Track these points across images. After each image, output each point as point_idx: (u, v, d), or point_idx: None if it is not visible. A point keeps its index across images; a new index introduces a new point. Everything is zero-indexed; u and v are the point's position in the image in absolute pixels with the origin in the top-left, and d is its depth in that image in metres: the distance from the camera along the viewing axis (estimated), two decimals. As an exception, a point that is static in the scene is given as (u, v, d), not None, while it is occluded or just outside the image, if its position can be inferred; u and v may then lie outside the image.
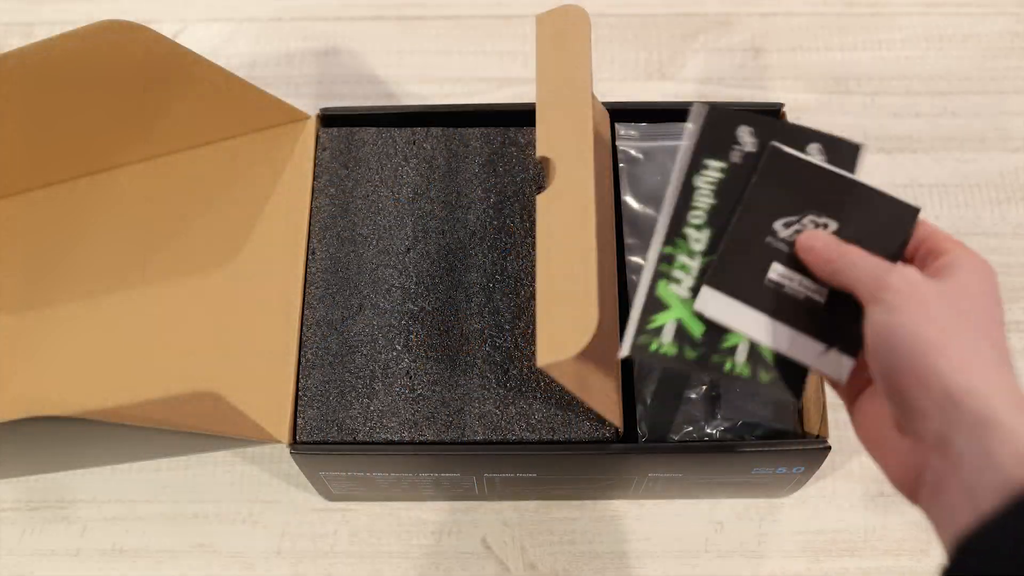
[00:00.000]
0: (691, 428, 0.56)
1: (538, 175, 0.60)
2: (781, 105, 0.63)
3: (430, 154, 0.61)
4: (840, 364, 0.39)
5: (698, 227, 0.42)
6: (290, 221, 0.60)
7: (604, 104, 0.61)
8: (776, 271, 0.40)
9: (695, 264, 0.42)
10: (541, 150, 0.47)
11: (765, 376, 0.41)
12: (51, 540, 0.61)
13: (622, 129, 0.65)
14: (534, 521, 0.61)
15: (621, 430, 0.54)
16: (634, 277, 0.58)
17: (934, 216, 0.70)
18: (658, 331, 0.41)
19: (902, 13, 0.78)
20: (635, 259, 0.58)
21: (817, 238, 0.39)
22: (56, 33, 0.54)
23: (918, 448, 0.34)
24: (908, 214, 0.40)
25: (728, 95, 0.75)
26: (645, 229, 0.59)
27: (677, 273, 0.42)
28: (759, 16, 0.78)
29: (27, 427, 0.47)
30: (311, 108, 0.66)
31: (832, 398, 0.57)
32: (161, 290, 0.60)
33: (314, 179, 0.62)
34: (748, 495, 0.61)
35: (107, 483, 0.62)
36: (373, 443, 0.54)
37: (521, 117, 0.64)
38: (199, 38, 0.78)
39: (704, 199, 0.43)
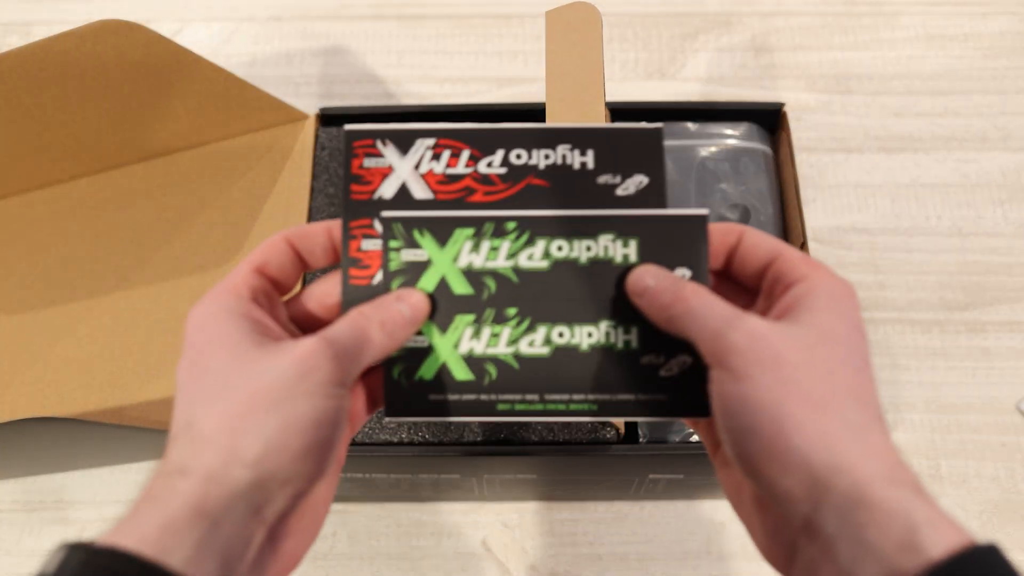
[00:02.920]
0: (692, 429, 0.56)
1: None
2: (781, 105, 0.63)
3: (430, 154, 0.61)
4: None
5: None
6: (289, 221, 0.60)
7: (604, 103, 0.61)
8: None
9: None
10: None
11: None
12: (49, 541, 0.60)
13: (622, 129, 0.65)
14: (535, 523, 0.61)
15: (622, 431, 0.54)
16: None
17: (936, 216, 0.70)
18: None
19: (903, 12, 0.78)
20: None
21: (650, 275, 0.33)
22: (55, 32, 0.54)
23: (785, 528, 0.30)
24: (696, 224, 0.34)
25: (729, 95, 0.75)
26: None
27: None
28: (760, 16, 0.78)
29: (26, 427, 0.47)
30: (310, 108, 0.66)
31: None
32: (161, 290, 0.60)
33: (313, 178, 0.61)
34: (749, 496, 0.60)
35: (105, 484, 0.62)
36: (372, 444, 0.54)
37: (521, 116, 0.63)
38: (198, 38, 0.78)
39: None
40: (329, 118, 0.64)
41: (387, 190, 0.35)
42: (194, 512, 0.27)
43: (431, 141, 0.36)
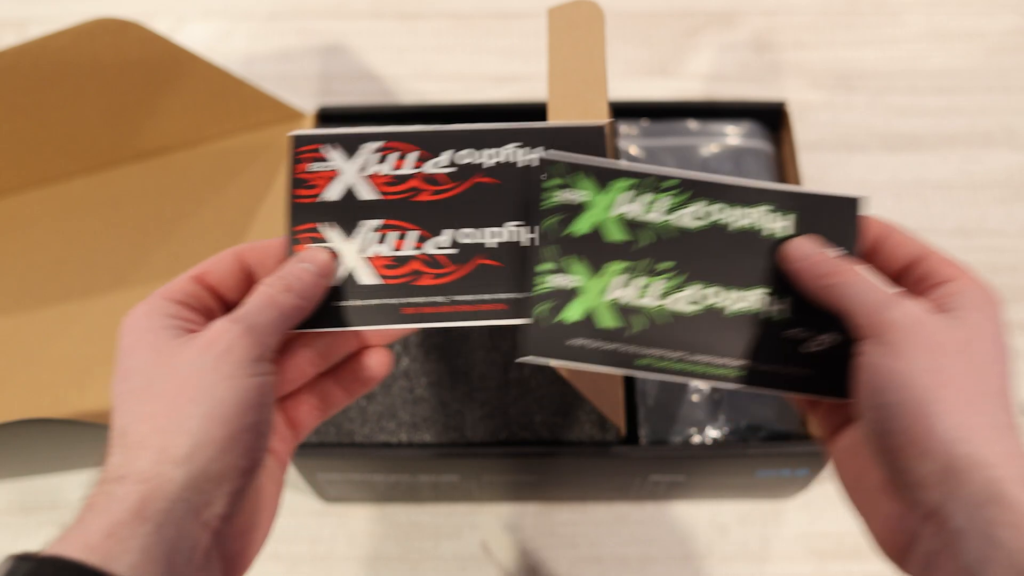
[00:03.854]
0: (693, 430, 0.55)
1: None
2: (782, 104, 0.63)
3: (429, 152, 0.61)
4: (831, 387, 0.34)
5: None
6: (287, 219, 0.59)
7: (605, 102, 0.60)
8: None
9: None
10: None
11: None
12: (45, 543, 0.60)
13: (623, 127, 0.64)
14: (535, 524, 0.60)
15: (623, 432, 0.53)
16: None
17: (940, 215, 0.69)
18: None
19: (907, 10, 0.78)
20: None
21: (809, 247, 0.34)
22: (50, 30, 0.53)
23: (909, 515, 0.30)
24: (853, 207, 0.34)
25: (731, 92, 0.74)
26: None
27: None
28: (762, 13, 0.78)
29: (22, 429, 0.47)
30: (309, 106, 0.66)
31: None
32: (157, 289, 0.60)
33: (312, 178, 0.61)
34: (752, 498, 0.60)
35: (103, 485, 0.62)
36: (371, 445, 0.54)
37: (521, 114, 0.63)
38: (195, 35, 0.78)
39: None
40: (328, 116, 0.63)
41: (332, 193, 0.36)
42: (135, 517, 0.27)
43: (377, 144, 0.36)
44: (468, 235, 0.35)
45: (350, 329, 0.34)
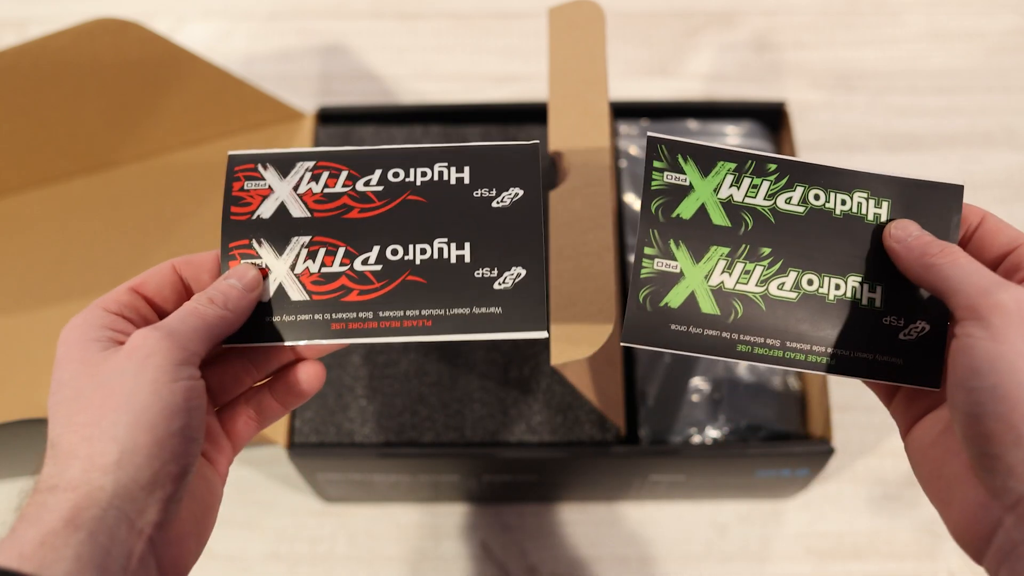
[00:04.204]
0: (693, 430, 0.55)
1: (548, 170, 0.60)
2: (782, 104, 0.63)
3: (429, 152, 0.61)
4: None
5: None
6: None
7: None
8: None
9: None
10: (554, 144, 0.46)
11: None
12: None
13: (623, 127, 0.64)
14: (535, 524, 0.60)
15: (623, 432, 0.53)
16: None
17: (939, 215, 0.69)
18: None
19: (907, 10, 0.78)
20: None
21: (914, 227, 0.34)
22: (50, 30, 0.53)
23: (993, 504, 0.29)
24: (951, 193, 0.34)
25: (731, 92, 0.74)
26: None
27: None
28: (762, 13, 0.78)
29: (22, 429, 0.47)
30: (309, 106, 0.65)
31: (837, 399, 0.56)
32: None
33: (312, 178, 0.61)
34: (751, 498, 0.60)
35: (103, 485, 0.62)
36: (371, 445, 0.54)
37: (521, 114, 0.63)
38: (195, 35, 0.78)
39: None
40: (328, 116, 0.63)
41: (265, 210, 0.36)
42: (67, 525, 0.27)
43: (311, 163, 0.37)
44: (395, 252, 0.35)
45: (279, 344, 0.35)
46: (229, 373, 0.35)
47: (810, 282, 0.34)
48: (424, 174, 0.36)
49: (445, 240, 0.35)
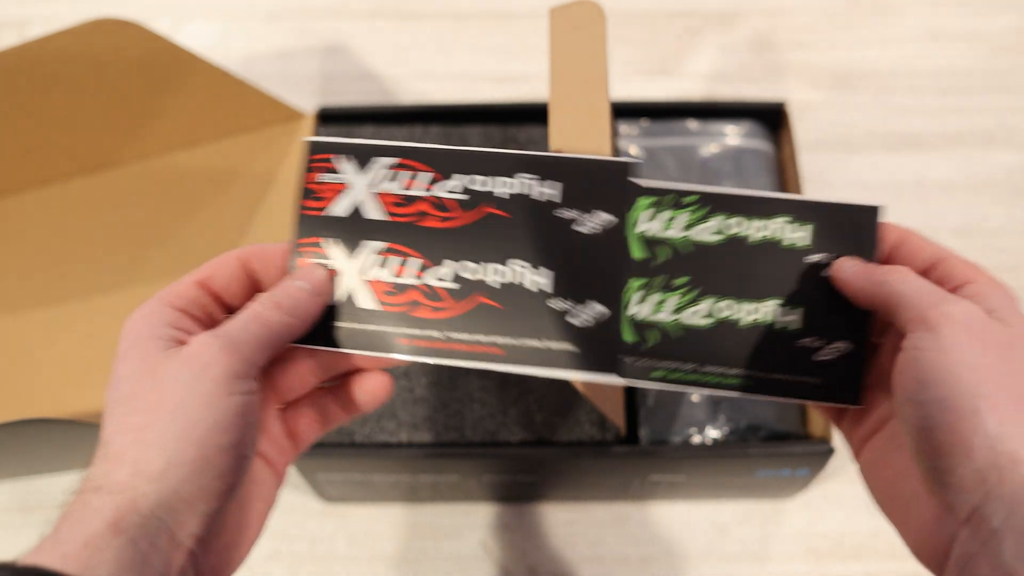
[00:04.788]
0: (693, 430, 0.55)
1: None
2: (782, 104, 0.63)
3: (429, 152, 0.61)
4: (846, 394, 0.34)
5: None
6: (287, 220, 0.59)
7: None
8: None
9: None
10: (554, 144, 0.46)
11: None
12: (46, 543, 0.60)
13: (623, 127, 0.64)
14: (535, 524, 0.60)
15: (623, 432, 0.53)
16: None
17: (941, 215, 0.69)
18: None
19: (907, 10, 0.78)
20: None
21: (855, 261, 0.34)
22: (50, 29, 0.53)
23: (947, 518, 0.29)
24: (870, 215, 0.34)
25: (731, 92, 0.74)
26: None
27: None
28: (762, 13, 0.78)
29: (22, 429, 0.47)
30: (309, 106, 0.65)
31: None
32: (157, 289, 0.60)
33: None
34: (751, 498, 0.60)
35: (103, 485, 0.62)
36: (371, 445, 0.54)
37: (521, 114, 0.63)
38: (194, 35, 0.78)
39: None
40: (328, 116, 0.63)
41: (339, 208, 0.34)
42: (111, 529, 0.27)
43: (391, 160, 0.35)
44: (470, 270, 0.34)
45: (342, 351, 0.34)
46: (296, 372, 0.34)
47: (726, 308, 0.34)
48: (508, 185, 0.34)
49: (524, 264, 0.34)
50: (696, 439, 0.55)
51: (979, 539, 0.28)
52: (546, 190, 0.34)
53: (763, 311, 0.34)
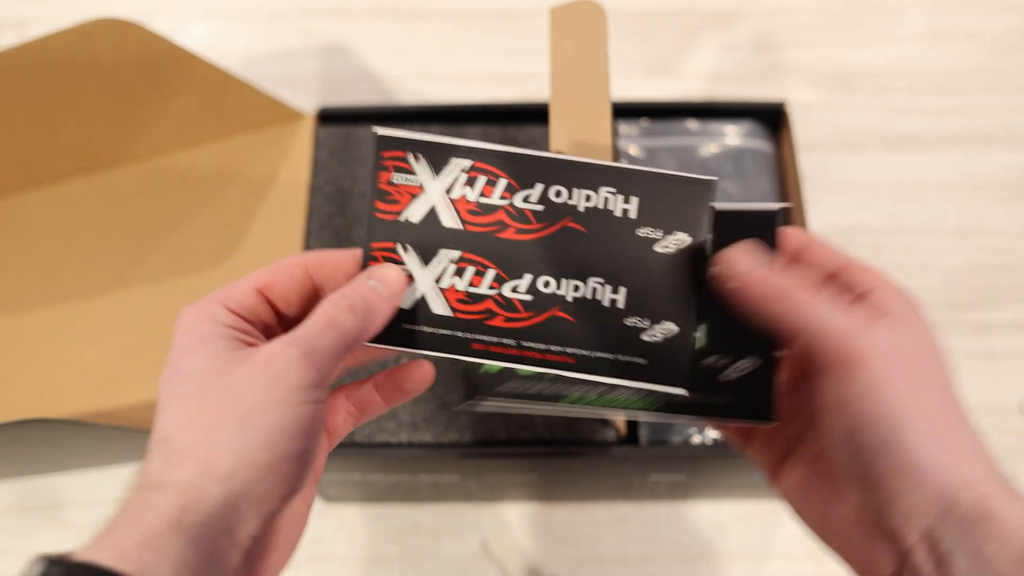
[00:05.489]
0: (693, 430, 0.55)
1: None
2: (782, 104, 0.63)
3: (429, 152, 0.61)
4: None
5: None
6: (287, 220, 0.59)
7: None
8: None
9: None
10: (556, 144, 0.46)
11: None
12: (46, 543, 0.60)
13: (623, 127, 0.64)
14: (535, 524, 0.60)
15: (623, 432, 0.53)
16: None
17: (940, 216, 0.69)
18: None
19: (907, 10, 0.78)
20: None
21: (747, 260, 0.31)
22: (50, 29, 0.53)
23: (894, 544, 0.29)
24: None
25: (731, 92, 0.74)
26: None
27: None
28: (762, 13, 0.78)
29: (22, 429, 0.47)
30: (309, 106, 0.65)
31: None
32: (157, 290, 0.60)
33: (312, 177, 0.61)
34: (751, 498, 0.60)
35: (102, 486, 0.62)
36: (371, 445, 0.54)
37: (521, 114, 0.63)
38: (195, 35, 0.78)
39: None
40: (328, 116, 0.63)
41: (414, 213, 0.33)
42: (171, 528, 0.27)
43: (467, 163, 0.34)
44: (547, 284, 0.33)
45: (419, 353, 0.33)
46: (338, 368, 0.33)
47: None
48: (588, 198, 0.33)
49: (601, 281, 0.33)
50: (696, 439, 0.55)
51: (932, 562, 0.27)
52: (626, 205, 0.34)
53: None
